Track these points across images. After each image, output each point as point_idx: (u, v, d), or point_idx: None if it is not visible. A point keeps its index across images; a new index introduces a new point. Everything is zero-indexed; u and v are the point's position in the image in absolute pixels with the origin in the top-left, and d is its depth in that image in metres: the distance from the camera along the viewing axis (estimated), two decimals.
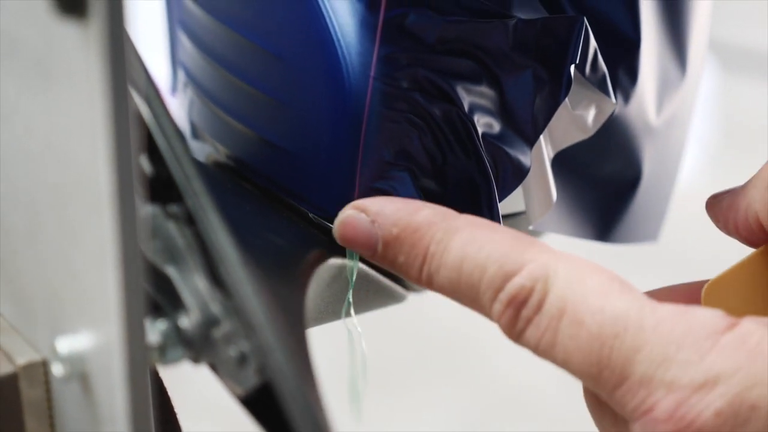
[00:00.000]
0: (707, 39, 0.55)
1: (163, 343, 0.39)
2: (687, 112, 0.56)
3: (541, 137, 0.48)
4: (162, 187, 0.40)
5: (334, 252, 0.47)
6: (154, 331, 0.39)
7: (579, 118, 0.49)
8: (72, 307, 0.39)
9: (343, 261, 0.47)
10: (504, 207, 0.48)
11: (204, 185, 0.39)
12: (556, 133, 0.49)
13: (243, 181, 0.51)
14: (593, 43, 0.47)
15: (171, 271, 0.39)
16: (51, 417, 0.42)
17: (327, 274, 0.47)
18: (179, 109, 0.55)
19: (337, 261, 0.47)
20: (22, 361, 0.41)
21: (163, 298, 0.39)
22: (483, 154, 0.46)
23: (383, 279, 0.50)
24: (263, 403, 0.39)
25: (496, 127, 0.47)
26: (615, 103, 0.49)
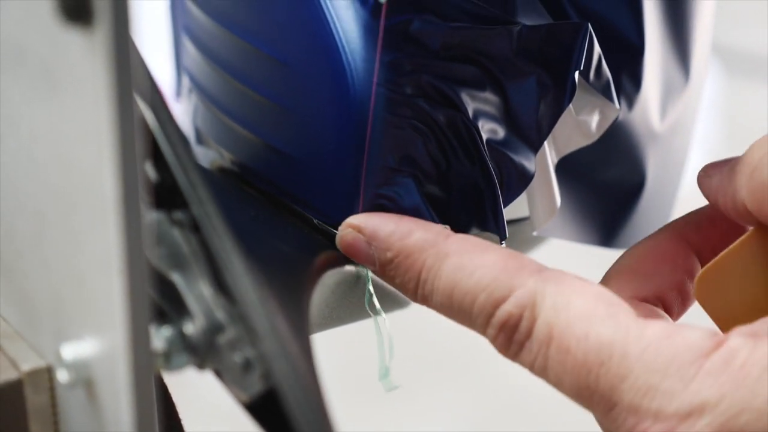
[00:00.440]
0: (710, 43, 0.55)
1: (167, 349, 0.39)
2: (690, 118, 0.56)
3: (545, 143, 0.48)
4: (167, 194, 0.40)
5: (339, 258, 0.47)
6: (159, 337, 0.39)
7: (583, 123, 0.49)
8: (77, 314, 0.39)
9: (348, 267, 0.47)
10: (508, 213, 0.48)
11: (209, 192, 0.39)
12: (560, 139, 0.49)
13: (247, 186, 0.50)
14: (597, 49, 0.47)
15: (176, 277, 0.39)
16: (56, 423, 0.42)
17: (331, 280, 0.47)
18: (184, 114, 0.55)
19: (341, 267, 0.47)
20: (26, 367, 0.41)
21: (168, 304, 0.39)
22: (487, 160, 0.46)
23: (387, 285, 0.50)
24: (268, 410, 0.39)
25: (501, 133, 0.47)
26: (619, 108, 0.49)
